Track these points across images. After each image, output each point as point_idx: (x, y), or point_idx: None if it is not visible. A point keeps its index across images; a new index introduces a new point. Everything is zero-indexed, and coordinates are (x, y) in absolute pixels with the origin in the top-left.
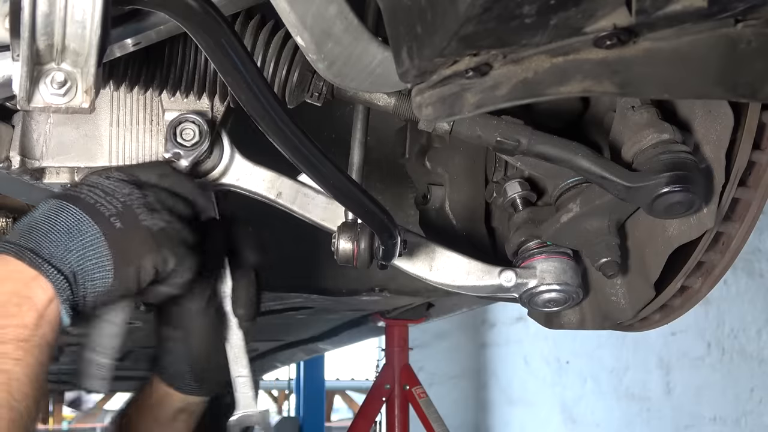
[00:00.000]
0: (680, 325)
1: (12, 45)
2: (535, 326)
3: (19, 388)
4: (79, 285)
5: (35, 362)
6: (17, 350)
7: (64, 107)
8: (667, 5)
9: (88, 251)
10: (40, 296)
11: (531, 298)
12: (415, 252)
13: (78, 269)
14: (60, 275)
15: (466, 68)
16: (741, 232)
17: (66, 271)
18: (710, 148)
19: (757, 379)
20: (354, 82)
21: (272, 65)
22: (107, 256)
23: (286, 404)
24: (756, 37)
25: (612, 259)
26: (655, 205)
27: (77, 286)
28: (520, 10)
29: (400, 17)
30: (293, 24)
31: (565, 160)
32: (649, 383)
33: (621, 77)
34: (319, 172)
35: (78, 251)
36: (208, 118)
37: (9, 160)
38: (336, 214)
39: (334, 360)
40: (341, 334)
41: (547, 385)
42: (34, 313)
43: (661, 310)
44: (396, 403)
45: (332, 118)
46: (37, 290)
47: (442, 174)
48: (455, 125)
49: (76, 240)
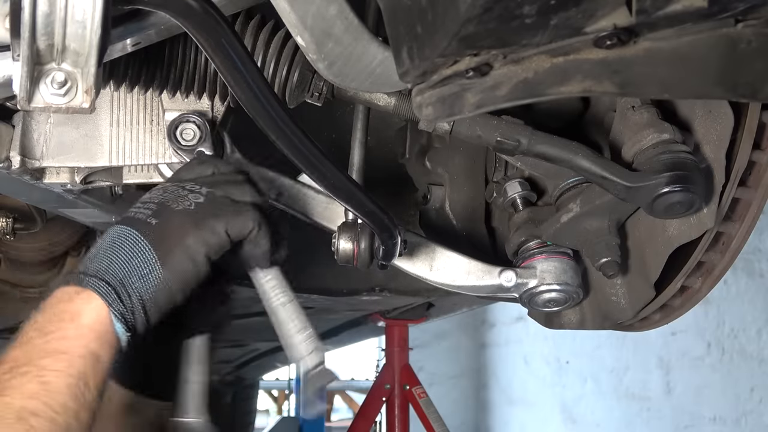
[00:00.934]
0: (680, 325)
1: (12, 45)
2: (535, 326)
3: (59, 400)
4: (129, 287)
5: (77, 374)
6: (57, 362)
7: (64, 107)
8: (667, 5)
9: (131, 254)
10: (82, 307)
11: (531, 298)
12: (416, 252)
13: (123, 274)
14: (103, 283)
15: (467, 68)
16: (741, 232)
17: (110, 280)
18: (710, 148)
19: (757, 379)
20: (354, 82)
21: (272, 65)
22: (149, 252)
23: (286, 404)
24: (756, 37)
25: (612, 259)
26: (655, 205)
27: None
28: (521, 10)
29: (400, 17)
30: (293, 24)
31: (565, 160)
32: (649, 383)
33: (621, 77)
34: (319, 172)
35: (121, 258)
36: (208, 118)
37: (9, 160)
38: (336, 214)
39: (334, 360)
40: (341, 334)
41: (547, 385)
42: (74, 324)
43: (661, 310)
44: (396, 403)
45: (332, 118)
46: (78, 302)
47: (442, 174)
48: (455, 125)
49: (118, 249)
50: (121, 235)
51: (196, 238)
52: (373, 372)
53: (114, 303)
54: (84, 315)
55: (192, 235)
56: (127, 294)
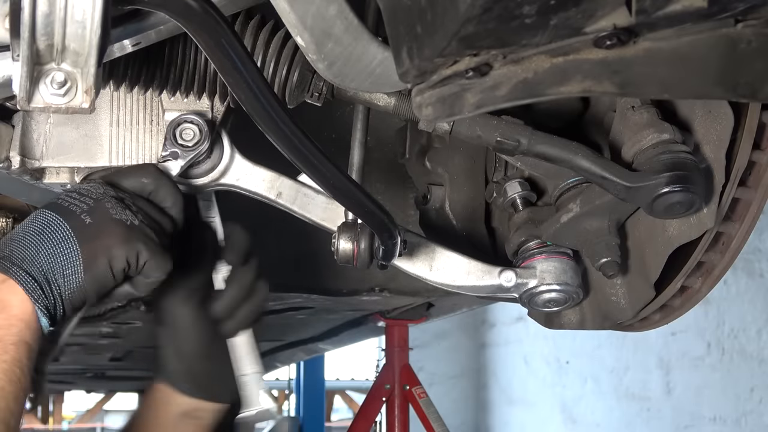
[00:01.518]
0: (680, 325)
1: (12, 45)
2: (535, 326)
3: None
4: (52, 283)
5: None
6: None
7: (64, 107)
8: (667, 5)
9: (58, 249)
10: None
11: (531, 298)
12: (415, 252)
13: (48, 268)
14: (27, 276)
15: (466, 68)
16: (741, 232)
17: (34, 272)
18: (710, 148)
19: (757, 379)
20: (354, 82)
21: (272, 65)
22: (76, 251)
23: (286, 404)
24: (756, 37)
25: (612, 259)
26: (655, 205)
27: (50, 285)
28: (520, 10)
29: (400, 17)
30: (293, 24)
31: (565, 160)
32: (649, 383)
33: (621, 77)
34: (319, 172)
35: (48, 250)
36: (208, 118)
37: (9, 160)
38: (336, 214)
39: (334, 360)
40: (341, 334)
41: (547, 385)
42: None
43: (661, 310)
44: (396, 403)
45: (332, 118)
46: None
47: (442, 174)
48: (455, 125)
49: (47, 240)
50: (52, 224)
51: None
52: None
53: (39, 299)
54: (12, 306)
55: (120, 248)
56: (50, 290)
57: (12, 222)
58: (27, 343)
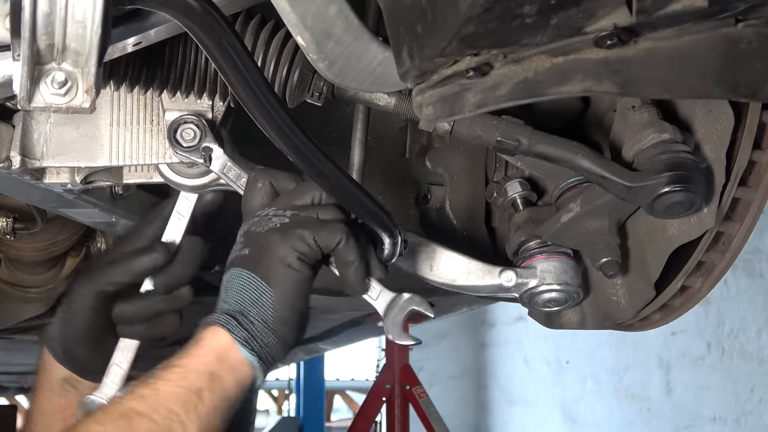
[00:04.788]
0: (680, 325)
1: (12, 45)
2: (535, 326)
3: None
4: (249, 317)
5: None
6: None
7: (64, 107)
8: (667, 5)
9: (241, 288)
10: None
11: (531, 298)
12: (416, 252)
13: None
14: (224, 315)
15: (467, 68)
16: (741, 232)
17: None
18: (711, 147)
19: (757, 379)
20: (354, 82)
21: (272, 65)
22: (252, 278)
23: (286, 404)
24: (756, 37)
25: (612, 258)
26: (656, 205)
27: (247, 318)
28: (521, 9)
29: (400, 17)
30: (294, 24)
31: (566, 160)
32: (649, 383)
33: (621, 77)
34: (319, 172)
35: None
36: (208, 118)
37: (9, 159)
38: None
39: (334, 360)
40: (341, 334)
41: (547, 385)
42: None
43: (661, 310)
44: (396, 403)
45: (332, 118)
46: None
47: (442, 174)
48: (456, 125)
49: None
50: (230, 277)
51: (285, 247)
52: (373, 372)
53: (235, 329)
54: (207, 340)
55: (281, 247)
56: (248, 321)
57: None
58: (213, 374)
